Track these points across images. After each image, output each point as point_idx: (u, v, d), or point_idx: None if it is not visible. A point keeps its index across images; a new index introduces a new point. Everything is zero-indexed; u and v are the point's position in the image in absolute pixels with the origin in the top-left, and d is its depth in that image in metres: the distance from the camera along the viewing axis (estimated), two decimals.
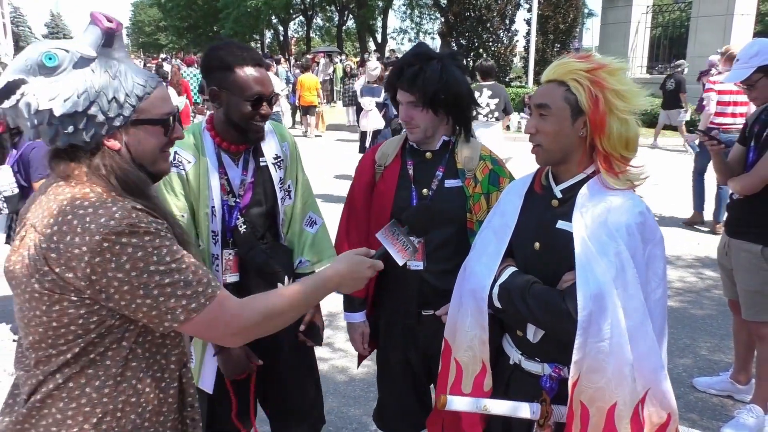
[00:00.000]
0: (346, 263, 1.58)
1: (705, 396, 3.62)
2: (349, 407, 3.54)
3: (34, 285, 1.25)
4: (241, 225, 2.20)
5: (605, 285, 1.57)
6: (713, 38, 15.71)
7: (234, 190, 2.20)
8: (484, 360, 1.87)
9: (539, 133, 1.69)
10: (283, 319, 1.45)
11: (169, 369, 1.43)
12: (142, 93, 1.33)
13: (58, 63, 1.24)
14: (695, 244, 6.51)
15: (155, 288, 1.25)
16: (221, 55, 2.07)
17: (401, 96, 2.17)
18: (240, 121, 2.10)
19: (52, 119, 1.24)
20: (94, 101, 1.26)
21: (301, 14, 45.77)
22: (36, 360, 1.31)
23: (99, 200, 1.26)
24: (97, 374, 1.31)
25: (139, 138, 1.36)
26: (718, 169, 3.24)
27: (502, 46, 22.45)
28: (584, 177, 1.73)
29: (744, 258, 3.16)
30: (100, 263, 1.21)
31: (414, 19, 42.71)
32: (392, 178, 2.29)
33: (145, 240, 1.25)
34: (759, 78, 3.02)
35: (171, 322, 1.29)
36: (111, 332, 1.31)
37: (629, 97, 1.63)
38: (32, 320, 1.29)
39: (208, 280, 1.33)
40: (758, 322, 3.17)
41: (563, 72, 1.65)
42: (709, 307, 4.94)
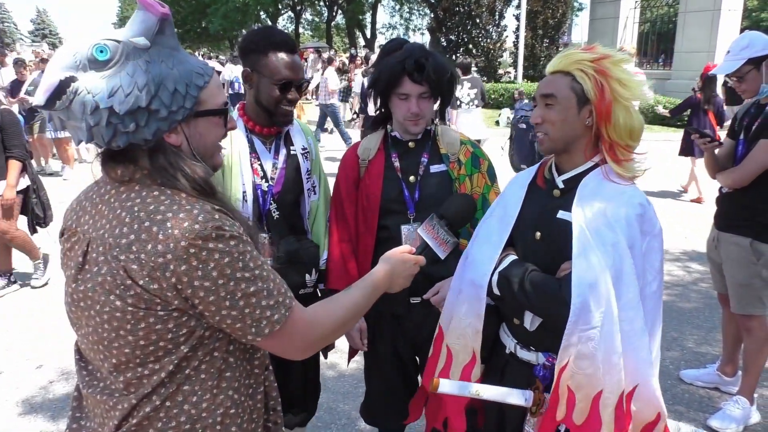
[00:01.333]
0: (394, 263, 1.56)
1: (692, 388, 3.65)
2: (338, 402, 3.54)
3: (115, 303, 1.15)
4: (273, 210, 2.26)
5: (600, 274, 1.58)
6: (701, 34, 15.82)
7: (267, 174, 2.25)
8: (475, 350, 1.89)
9: (545, 123, 1.71)
10: (344, 330, 1.41)
11: (254, 374, 1.38)
12: (202, 82, 1.24)
13: (110, 56, 1.13)
14: (683, 238, 6.56)
15: (241, 298, 1.18)
16: (257, 39, 2.16)
17: (411, 88, 2.16)
18: (268, 104, 2.17)
19: (111, 118, 1.13)
20: (156, 95, 1.16)
21: (290, 9, 45.56)
22: (126, 383, 1.22)
23: (174, 203, 1.17)
24: (193, 390, 1.24)
25: (201, 131, 1.27)
26: (708, 164, 3.26)
27: (491, 42, 22.51)
28: (587, 168, 1.74)
29: (733, 251, 3.18)
30: (186, 271, 1.13)
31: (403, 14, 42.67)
32: (378, 170, 2.31)
33: (231, 245, 1.16)
34: (749, 70, 3.02)
35: (255, 336, 1.22)
36: (202, 344, 1.23)
37: (632, 86, 1.66)
38: (114, 341, 1.19)
39: (286, 290, 1.27)
40: (746, 316, 3.20)
41: (568, 63, 1.68)
42: (696, 300, 4.97)
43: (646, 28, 20.17)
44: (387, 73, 2.18)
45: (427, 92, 2.18)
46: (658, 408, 1.67)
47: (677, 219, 7.25)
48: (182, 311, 1.18)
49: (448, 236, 1.73)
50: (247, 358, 1.36)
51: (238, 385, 1.32)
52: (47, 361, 4.08)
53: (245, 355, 1.35)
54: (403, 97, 2.18)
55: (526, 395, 1.73)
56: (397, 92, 2.19)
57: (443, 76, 2.18)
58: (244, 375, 1.34)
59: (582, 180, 1.72)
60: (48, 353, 4.18)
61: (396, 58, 2.17)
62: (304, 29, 51.05)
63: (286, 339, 1.26)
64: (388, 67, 2.18)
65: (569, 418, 1.64)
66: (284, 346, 1.28)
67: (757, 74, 3.02)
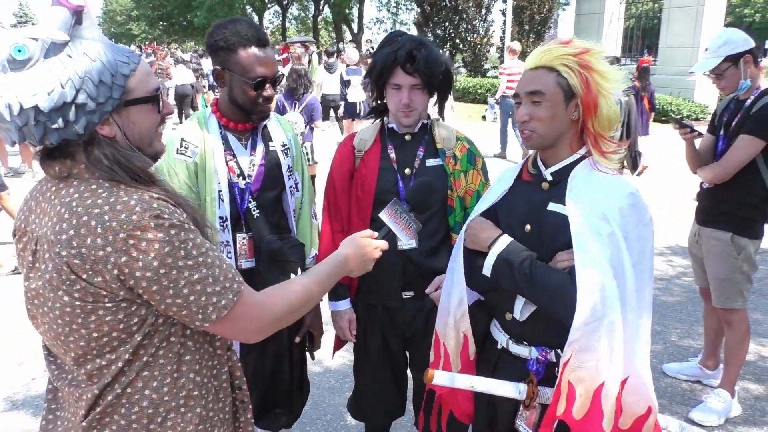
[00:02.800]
0: (354, 246, 1.55)
1: (675, 381, 3.69)
2: (324, 398, 3.54)
3: (63, 298, 1.16)
4: (253, 209, 2.20)
5: (601, 267, 1.59)
6: (685, 29, 15.93)
7: (243, 171, 2.18)
8: (465, 332, 1.90)
9: (533, 120, 1.69)
10: (301, 312, 1.41)
11: (217, 355, 1.39)
12: (128, 70, 1.22)
13: (29, 55, 1.11)
14: (666, 232, 6.61)
15: (185, 286, 1.18)
16: (225, 34, 2.04)
17: (402, 79, 2.16)
18: (244, 104, 2.10)
19: (38, 116, 1.12)
20: (81, 88, 1.14)
21: (276, 4, 45.33)
22: (88, 374, 1.24)
23: (112, 195, 1.16)
24: (153, 375, 1.25)
25: (133, 119, 1.25)
26: (689, 158, 3.28)
27: (478, 37, 22.52)
28: (574, 160, 1.75)
29: (714, 246, 3.22)
30: (127, 262, 1.13)
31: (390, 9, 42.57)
32: (374, 161, 2.30)
33: (171, 233, 1.16)
34: (727, 67, 3.05)
35: (203, 322, 1.22)
36: (157, 330, 1.24)
37: (613, 77, 1.68)
38: (70, 335, 1.20)
39: (233, 274, 1.26)
40: (727, 309, 3.23)
41: (551, 58, 1.67)
42: (679, 294, 5.02)
43: (631, 23, 20.29)
44: (381, 63, 2.18)
45: (419, 84, 2.17)
46: (649, 401, 1.67)
47: (660, 213, 7.31)
48: (130, 301, 1.18)
49: (411, 221, 1.71)
50: (208, 340, 1.36)
51: (200, 368, 1.33)
52: (29, 358, 4.04)
53: (206, 338, 1.35)
54: (396, 87, 2.18)
55: (519, 388, 1.73)
56: (390, 82, 2.19)
57: (435, 69, 2.17)
58: (206, 357, 1.35)
59: (571, 172, 1.73)
60: (29, 350, 4.14)
61: (390, 48, 2.17)
62: (291, 23, 50.80)
63: (236, 323, 1.27)
64: (382, 57, 2.17)
65: (569, 413, 1.63)
66: (235, 330, 1.29)
67: (736, 71, 3.05)
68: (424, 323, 2.34)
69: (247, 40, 2.03)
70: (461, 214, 2.32)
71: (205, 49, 19.94)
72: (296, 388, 2.53)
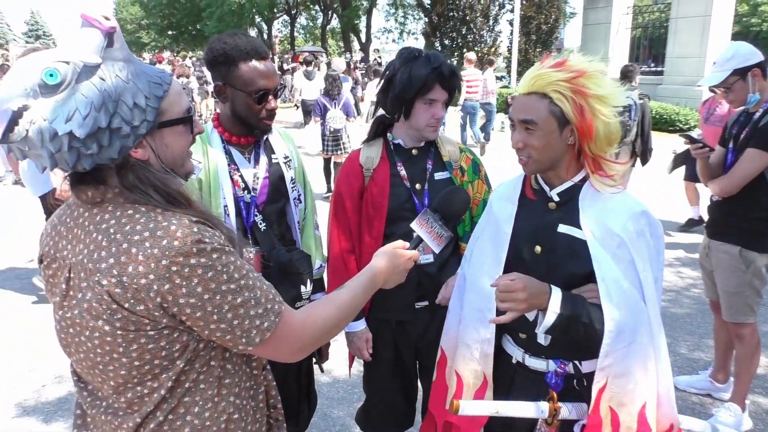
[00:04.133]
0: (387, 258, 1.53)
1: (684, 395, 3.67)
2: (332, 408, 3.54)
3: (103, 327, 1.13)
4: (260, 222, 2.19)
5: (625, 294, 1.59)
6: (692, 39, 15.91)
7: (248, 185, 2.18)
8: (486, 374, 1.86)
9: (527, 147, 1.67)
10: (340, 328, 1.39)
11: (254, 375, 1.38)
12: (161, 92, 1.19)
13: (60, 79, 1.08)
14: (675, 244, 6.58)
15: (229, 311, 1.16)
16: (225, 49, 2.03)
17: (440, 95, 2.20)
18: (247, 118, 2.10)
19: (72, 142, 1.08)
20: (115, 112, 1.11)
21: (285, 13, 45.54)
22: (128, 402, 1.22)
23: (150, 220, 1.13)
24: (195, 401, 1.24)
25: (167, 141, 1.23)
26: (702, 172, 3.27)
27: (485, 47, 22.57)
28: (577, 181, 1.73)
29: (723, 259, 3.20)
30: (170, 290, 1.11)
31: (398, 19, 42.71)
32: (383, 179, 2.31)
33: (213, 258, 1.14)
34: (735, 80, 3.05)
35: (246, 345, 1.20)
36: (198, 356, 1.22)
37: (611, 99, 1.63)
38: (109, 365, 1.18)
39: (273, 295, 1.24)
40: (737, 323, 3.22)
41: (543, 84, 1.62)
42: (689, 306, 5.00)
43: (638, 33, 20.27)
44: (421, 79, 2.15)
45: (447, 99, 2.24)
46: (672, 419, 1.67)
47: (669, 223, 7.28)
48: (173, 328, 1.16)
49: (442, 230, 1.70)
50: (245, 361, 1.35)
51: (239, 390, 1.32)
52: (39, 365, 4.07)
53: (243, 359, 1.34)
54: (429, 102, 2.19)
55: (542, 407, 1.70)
56: (425, 98, 2.18)
57: (458, 84, 2.26)
58: (244, 378, 1.34)
59: (580, 193, 1.71)
60: (40, 356, 4.16)
61: (429, 64, 2.16)
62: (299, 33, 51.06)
63: (278, 344, 1.25)
64: (422, 73, 2.15)
65: None
66: (277, 351, 1.27)
67: (744, 84, 3.05)
68: (436, 333, 2.34)
69: (247, 54, 2.02)
70: (469, 224, 2.34)
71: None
72: (303, 399, 2.52)
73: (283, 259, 2.16)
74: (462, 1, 21.71)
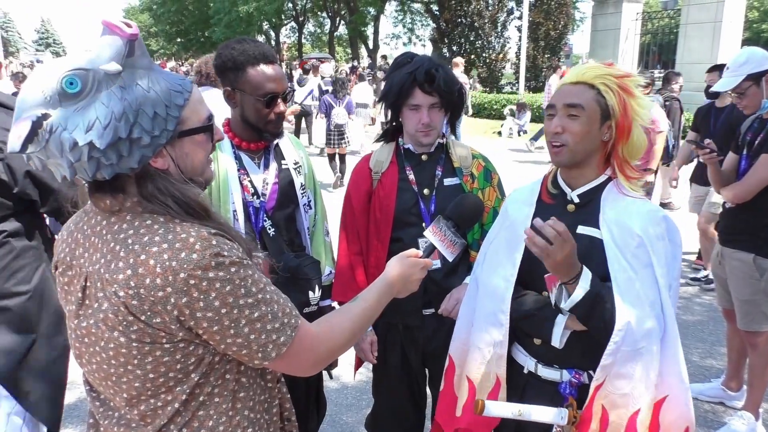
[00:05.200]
0: (400, 267, 1.50)
1: (696, 403, 3.62)
2: (341, 414, 3.52)
3: (119, 339, 1.12)
4: (269, 227, 2.19)
5: (638, 295, 1.59)
6: (702, 45, 15.85)
7: (258, 190, 2.18)
8: (500, 375, 1.85)
9: (566, 132, 1.66)
10: (353, 342, 1.37)
11: (268, 388, 1.37)
12: (182, 100, 1.17)
13: (81, 87, 1.06)
14: (685, 251, 6.53)
15: (246, 325, 1.14)
16: (233, 54, 2.04)
17: (423, 99, 2.17)
18: (256, 122, 2.10)
19: (92, 152, 1.06)
20: (136, 122, 1.09)
21: (293, 20, 45.80)
22: (141, 415, 1.20)
23: (169, 232, 1.12)
24: (209, 414, 1.22)
25: (187, 150, 1.21)
26: (713, 178, 3.24)
27: (493, 53, 22.59)
28: (601, 182, 1.74)
29: (736, 267, 3.17)
30: (188, 303, 1.09)
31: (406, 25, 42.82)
32: (391, 183, 2.30)
33: (232, 272, 1.12)
34: (749, 86, 3.03)
35: (262, 360, 1.19)
36: (213, 369, 1.21)
37: (647, 108, 1.69)
38: (123, 376, 1.16)
39: (291, 308, 1.23)
40: (752, 332, 3.18)
41: (593, 75, 1.66)
42: (700, 313, 4.95)
43: (648, 39, 20.23)
44: (398, 85, 2.17)
45: (438, 103, 2.19)
46: (688, 421, 1.65)
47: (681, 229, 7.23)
48: (188, 341, 1.15)
49: (456, 237, 1.68)
50: (260, 374, 1.34)
51: (253, 404, 1.30)
52: None
53: (258, 372, 1.33)
54: (414, 108, 2.19)
55: (562, 413, 1.69)
56: (408, 103, 2.19)
57: (453, 87, 2.19)
58: (258, 392, 1.32)
59: (601, 194, 1.72)
60: None
61: (406, 69, 2.17)
62: (307, 40, 51.28)
63: (295, 358, 1.23)
64: (398, 79, 2.17)
65: None
66: (293, 365, 1.25)
67: (757, 90, 3.03)
68: (444, 340, 2.33)
69: (255, 58, 2.03)
70: (479, 232, 2.30)
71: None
72: (313, 405, 2.51)
73: (292, 264, 2.15)
74: (470, 7, 21.74)
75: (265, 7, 34.59)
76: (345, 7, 38.67)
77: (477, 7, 21.70)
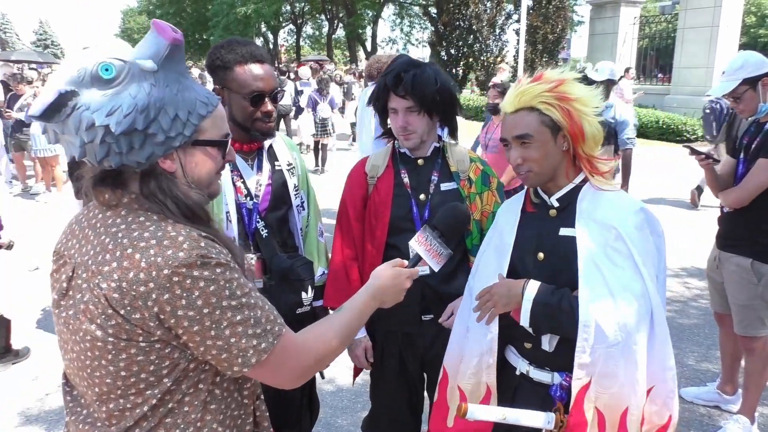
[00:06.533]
0: (385, 278, 1.50)
1: (692, 406, 3.63)
2: (336, 417, 3.52)
3: (96, 332, 1.12)
4: (261, 229, 2.18)
5: (613, 290, 1.59)
6: (699, 49, 15.91)
7: (251, 192, 2.18)
8: (489, 384, 1.86)
9: (526, 162, 1.71)
10: (340, 351, 1.36)
11: (243, 404, 1.34)
12: (205, 111, 1.21)
13: (115, 74, 1.11)
14: (682, 254, 6.54)
15: (227, 327, 1.14)
16: (221, 53, 2.06)
17: (397, 103, 2.15)
18: (243, 121, 2.09)
19: (106, 137, 1.10)
20: (155, 119, 1.13)
21: (291, 23, 45.83)
22: (108, 414, 1.19)
23: (159, 229, 1.13)
24: (176, 423, 1.20)
25: (197, 160, 1.24)
26: (711, 183, 3.23)
27: (491, 56, 22.60)
28: (576, 185, 1.76)
29: (734, 272, 3.16)
30: (169, 300, 1.09)
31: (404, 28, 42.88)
32: (387, 187, 2.29)
33: (217, 272, 1.13)
34: (745, 90, 3.03)
35: (242, 366, 1.18)
36: (187, 376, 1.20)
37: (590, 99, 1.70)
38: (96, 370, 1.16)
39: (275, 317, 1.22)
40: (748, 337, 3.17)
41: (528, 99, 1.68)
42: (696, 316, 4.96)
43: (645, 43, 20.29)
44: (375, 89, 2.19)
45: (415, 107, 2.14)
46: (670, 411, 1.66)
47: (676, 233, 7.25)
48: (165, 343, 1.14)
49: (442, 247, 1.66)
50: (237, 388, 1.32)
51: (224, 417, 1.28)
52: (43, 373, 4.06)
53: (234, 386, 1.31)
54: (393, 111, 2.19)
55: (549, 418, 1.69)
56: (389, 107, 2.20)
57: (426, 89, 2.11)
58: (233, 406, 1.30)
59: (578, 195, 1.74)
60: (44, 365, 4.16)
61: (383, 73, 2.18)
62: (305, 42, 51.30)
63: (276, 368, 1.22)
64: (378, 84, 2.19)
65: None
66: (274, 375, 1.24)
67: (754, 94, 3.02)
68: (443, 346, 2.32)
69: (243, 57, 2.04)
70: (478, 237, 2.28)
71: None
72: (305, 407, 2.50)
73: (284, 265, 2.15)
74: (469, 11, 21.75)
75: (263, 10, 34.62)
76: (343, 10, 38.71)
77: (475, 11, 21.70)
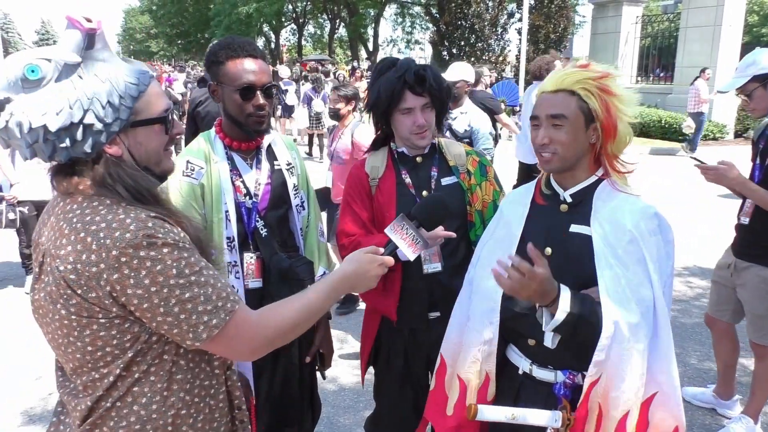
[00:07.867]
0: (356, 263, 1.52)
1: (693, 406, 3.63)
2: (339, 416, 3.52)
3: (60, 311, 1.21)
4: (261, 228, 2.19)
5: (626, 293, 1.59)
6: (702, 49, 15.87)
7: (250, 191, 2.18)
8: (489, 372, 1.86)
9: (553, 143, 1.69)
10: (298, 331, 1.39)
11: (214, 374, 1.40)
12: (136, 92, 1.25)
13: (41, 75, 1.16)
14: (685, 254, 6.54)
15: (176, 304, 1.20)
16: (216, 49, 2.09)
17: (414, 101, 2.16)
18: (236, 115, 2.09)
19: (47, 135, 1.16)
20: (89, 109, 1.18)
21: (293, 22, 45.84)
22: (83, 385, 1.28)
23: (110, 212, 1.20)
24: (143, 392, 1.28)
25: (140, 140, 1.29)
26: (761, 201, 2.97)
27: (493, 55, 22.59)
28: (593, 181, 1.76)
29: (751, 281, 3.10)
30: (118, 279, 1.16)
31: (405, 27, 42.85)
32: (389, 188, 2.29)
33: (164, 252, 1.18)
34: (755, 87, 2.93)
35: (193, 341, 1.24)
36: (151, 348, 1.26)
37: (630, 101, 1.70)
38: (68, 347, 1.25)
39: (227, 294, 1.27)
40: (762, 345, 3.15)
41: (572, 81, 1.67)
42: (698, 315, 4.94)
43: (647, 42, 20.24)
44: (388, 90, 2.15)
45: (429, 103, 2.19)
46: (678, 420, 1.65)
47: (678, 233, 7.24)
48: (123, 318, 1.21)
49: (418, 237, 1.65)
50: (205, 359, 1.37)
51: (191, 387, 1.34)
52: (46, 373, 4.07)
53: (203, 357, 1.36)
54: (406, 111, 2.18)
55: (556, 416, 1.69)
56: (399, 108, 2.18)
57: (442, 85, 2.20)
58: (202, 376, 1.36)
59: (594, 193, 1.73)
60: (46, 365, 4.16)
61: (394, 73, 2.16)
62: (307, 42, 51.32)
63: (230, 342, 1.27)
64: (388, 84, 2.16)
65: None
66: (229, 348, 1.29)
67: (764, 92, 2.92)
68: None
69: (234, 51, 2.05)
70: (481, 228, 2.28)
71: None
72: (307, 406, 2.51)
73: (284, 264, 2.15)
74: (470, 10, 21.73)
75: (265, 9, 34.66)
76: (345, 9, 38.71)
77: (477, 10, 21.68)
